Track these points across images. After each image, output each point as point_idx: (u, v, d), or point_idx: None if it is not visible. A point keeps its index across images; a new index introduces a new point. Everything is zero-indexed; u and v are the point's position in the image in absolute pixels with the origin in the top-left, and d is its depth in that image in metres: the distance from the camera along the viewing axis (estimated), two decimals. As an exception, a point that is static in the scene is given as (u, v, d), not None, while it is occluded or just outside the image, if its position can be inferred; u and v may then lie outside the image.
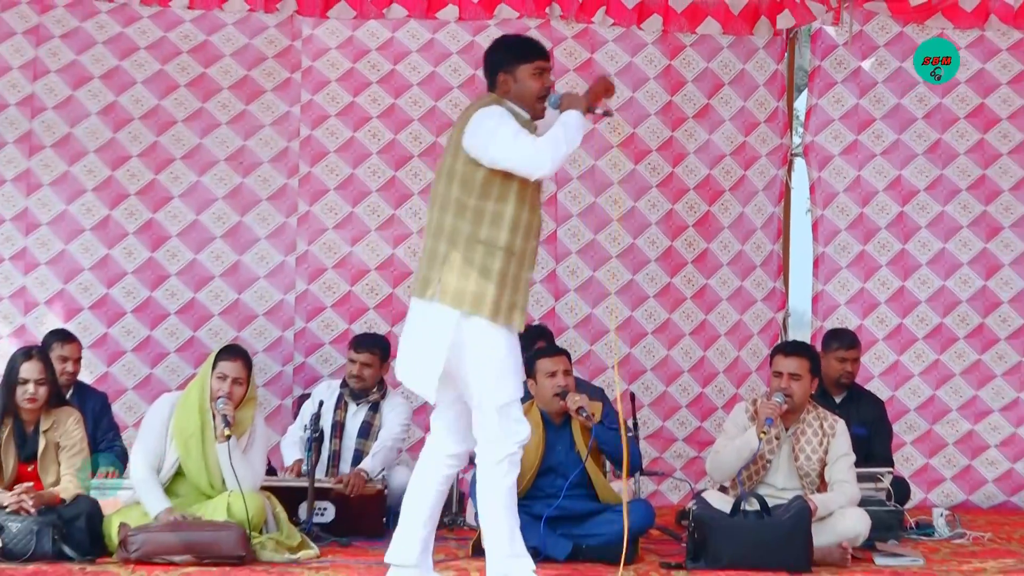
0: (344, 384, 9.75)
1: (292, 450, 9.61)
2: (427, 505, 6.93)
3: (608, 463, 8.56)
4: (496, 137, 6.66)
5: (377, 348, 9.78)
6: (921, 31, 11.11)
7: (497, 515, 6.74)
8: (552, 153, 6.63)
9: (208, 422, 8.13)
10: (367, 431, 9.60)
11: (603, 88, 7.00)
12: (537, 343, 9.66)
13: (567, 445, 8.28)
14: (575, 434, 8.29)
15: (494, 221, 6.70)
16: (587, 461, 8.17)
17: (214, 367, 8.19)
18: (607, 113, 6.96)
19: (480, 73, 10.87)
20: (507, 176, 6.68)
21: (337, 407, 9.64)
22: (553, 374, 8.29)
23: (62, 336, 9.68)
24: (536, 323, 10.63)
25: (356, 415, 9.67)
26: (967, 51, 11.10)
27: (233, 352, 8.32)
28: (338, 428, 9.62)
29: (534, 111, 6.88)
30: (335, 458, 9.56)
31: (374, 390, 9.72)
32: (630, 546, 7.56)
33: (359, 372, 9.67)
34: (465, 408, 6.77)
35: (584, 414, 8.10)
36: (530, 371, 8.37)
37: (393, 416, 9.64)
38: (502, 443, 6.68)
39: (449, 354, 6.61)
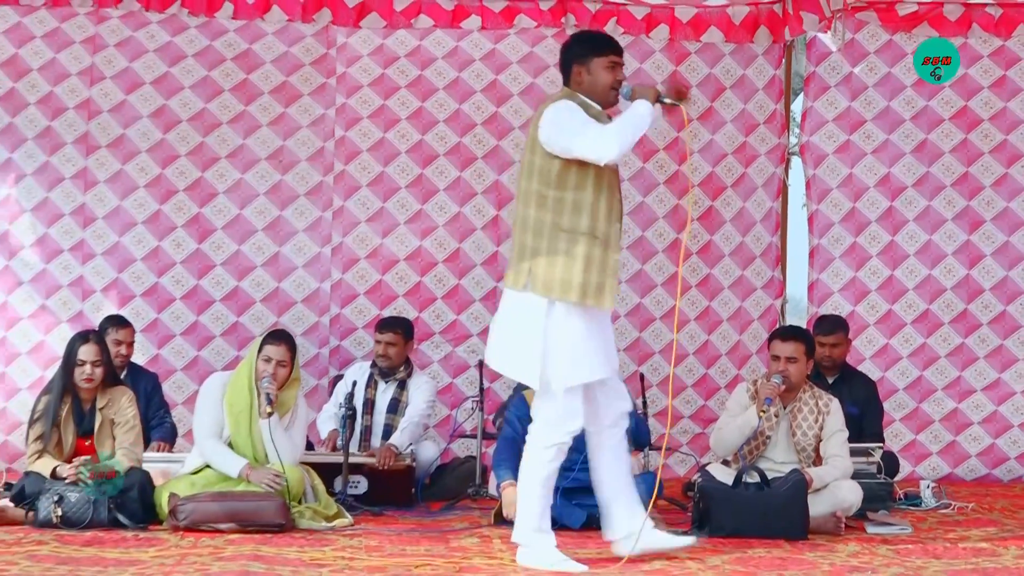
0: (374, 364, 9.78)
1: (327, 424, 9.67)
2: (611, 476, 6.90)
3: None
4: (565, 128, 6.66)
5: (400, 328, 9.81)
6: (909, 39, 11.06)
7: (533, 492, 6.75)
8: (618, 140, 6.63)
9: (255, 400, 8.14)
10: (395, 407, 9.65)
11: (676, 89, 6.96)
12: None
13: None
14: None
15: (574, 209, 6.68)
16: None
17: (260, 350, 8.21)
18: (674, 104, 6.90)
19: (501, 78, 11.01)
20: (582, 165, 6.67)
21: (368, 386, 9.68)
22: None
23: (117, 321, 9.70)
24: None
25: (385, 392, 9.70)
26: (951, 58, 11.09)
27: (278, 337, 8.35)
28: (369, 405, 9.65)
29: (606, 101, 6.86)
30: (367, 433, 9.60)
31: (401, 369, 9.75)
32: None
33: (384, 351, 9.71)
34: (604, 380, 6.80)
35: None
36: None
37: (419, 394, 9.67)
38: (556, 429, 6.70)
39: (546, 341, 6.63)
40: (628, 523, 6.85)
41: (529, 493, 6.77)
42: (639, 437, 8.44)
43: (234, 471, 7.99)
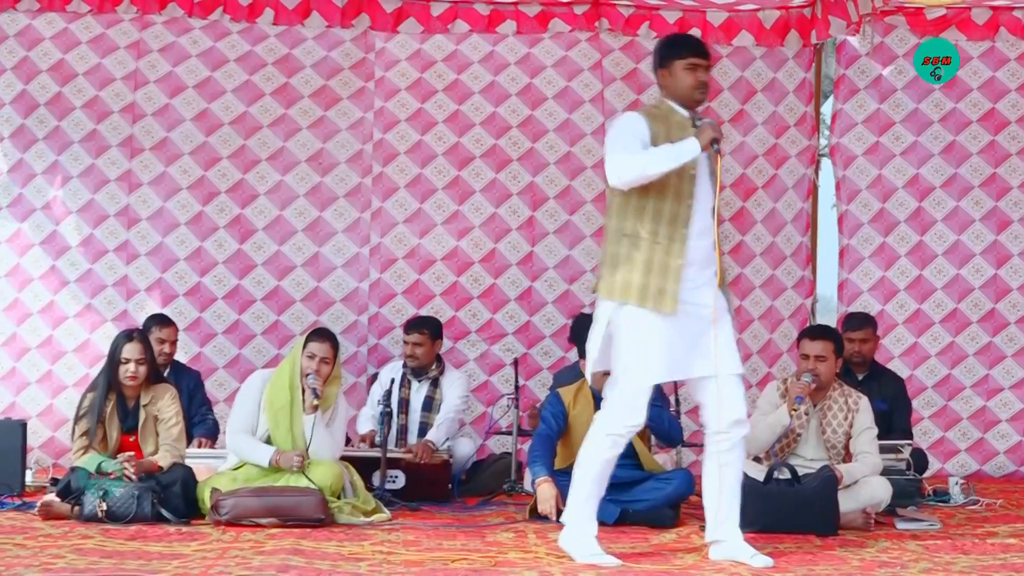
0: (406, 364, 9.78)
1: (366, 424, 9.69)
2: (709, 481, 6.85)
3: (652, 437, 8.50)
4: (608, 142, 6.79)
5: (426, 328, 9.84)
6: (937, 42, 11.04)
7: (586, 478, 6.77)
8: (624, 170, 6.61)
9: (297, 397, 8.17)
10: (429, 405, 9.67)
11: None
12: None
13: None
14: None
15: (636, 214, 6.69)
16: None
17: (305, 347, 8.23)
18: (719, 152, 6.76)
19: (536, 82, 11.00)
20: None
21: (402, 385, 9.70)
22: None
23: (160, 320, 9.72)
24: (588, 311, 10.63)
25: (419, 391, 9.72)
26: (979, 60, 10.99)
27: (322, 334, 8.37)
28: (404, 404, 9.68)
29: (691, 102, 6.82)
30: (403, 431, 9.61)
31: (432, 367, 9.78)
32: (672, 511, 7.52)
33: (412, 352, 9.74)
34: (709, 383, 6.76)
35: None
36: (583, 353, 8.37)
37: (452, 391, 9.70)
38: (616, 421, 6.71)
39: (605, 342, 6.72)
40: (715, 531, 6.81)
41: (580, 477, 6.79)
42: (671, 434, 8.42)
43: (264, 460, 8.04)
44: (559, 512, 7.80)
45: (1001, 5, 10.80)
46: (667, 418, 8.37)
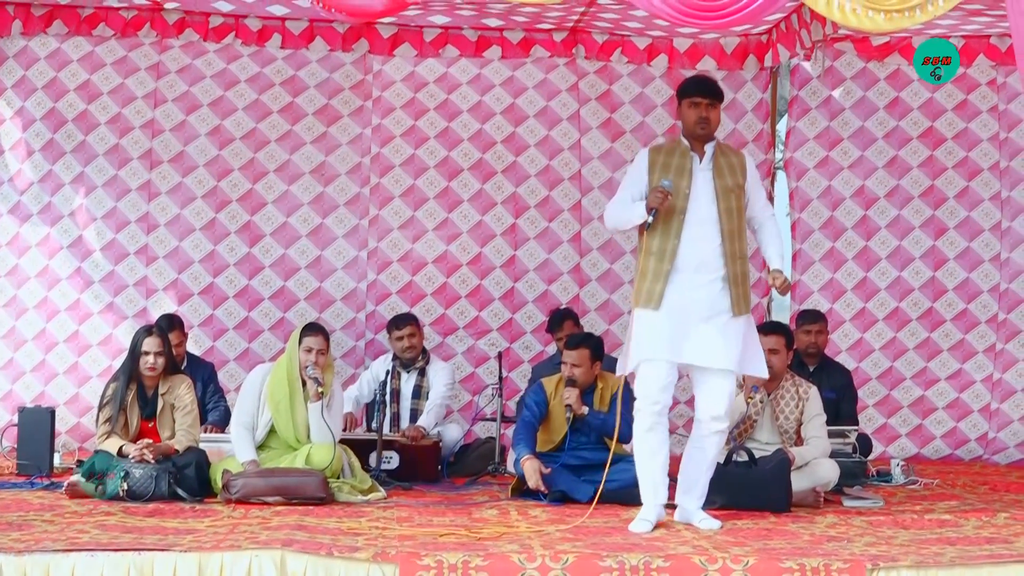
0: (395, 357, 9.77)
1: (347, 405, 9.59)
2: (684, 462, 7.31)
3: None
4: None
5: (413, 320, 9.89)
6: (881, 67, 11.00)
7: (638, 456, 7.20)
8: (606, 219, 7.39)
9: (296, 389, 8.17)
10: (418, 393, 9.68)
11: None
12: (564, 323, 9.77)
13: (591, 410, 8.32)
14: (596, 402, 8.32)
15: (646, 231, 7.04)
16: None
17: (300, 342, 8.21)
18: (650, 224, 6.98)
19: (518, 101, 10.99)
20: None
21: (392, 377, 9.66)
22: (566, 363, 8.32)
23: (167, 325, 9.51)
24: (563, 307, 10.63)
25: (408, 381, 9.72)
26: (919, 83, 10.99)
27: (315, 329, 8.36)
28: (395, 394, 9.67)
29: (694, 136, 7.10)
30: (395, 418, 9.60)
31: (420, 358, 9.74)
32: (637, 490, 7.48)
33: (409, 343, 9.71)
34: (697, 373, 7.21)
35: (568, 412, 8.21)
36: (563, 341, 8.46)
37: (438, 379, 9.71)
38: (640, 400, 7.10)
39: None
40: (679, 497, 7.20)
41: (636, 458, 7.19)
42: (623, 434, 8.21)
43: (240, 461, 8.06)
44: (545, 485, 7.87)
45: (937, 35, 10.79)
46: (626, 415, 8.14)
